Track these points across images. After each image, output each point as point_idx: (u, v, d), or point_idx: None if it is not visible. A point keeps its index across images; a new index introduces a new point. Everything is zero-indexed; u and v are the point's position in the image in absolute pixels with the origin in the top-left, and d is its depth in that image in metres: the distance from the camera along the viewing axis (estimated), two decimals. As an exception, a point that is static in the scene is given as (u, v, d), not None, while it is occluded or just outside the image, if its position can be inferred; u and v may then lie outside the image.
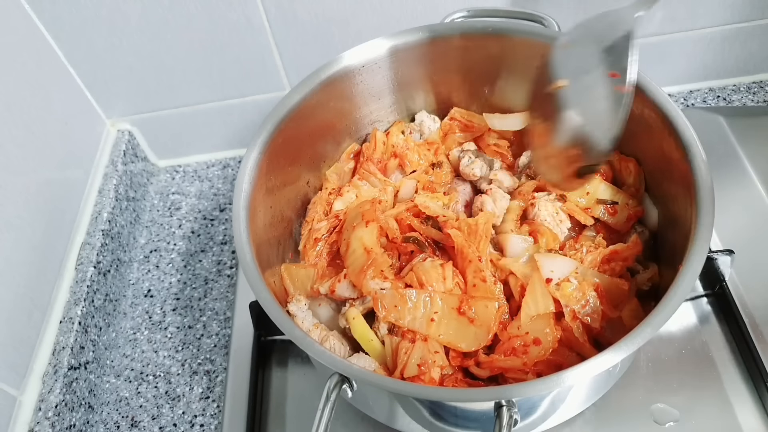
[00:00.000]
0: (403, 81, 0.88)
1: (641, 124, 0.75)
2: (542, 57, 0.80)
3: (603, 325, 0.69)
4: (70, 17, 0.94)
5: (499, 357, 0.67)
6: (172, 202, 1.13)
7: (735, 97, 1.09)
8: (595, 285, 0.70)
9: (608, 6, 0.97)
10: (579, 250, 0.74)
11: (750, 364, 0.76)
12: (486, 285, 0.71)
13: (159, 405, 0.87)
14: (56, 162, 0.95)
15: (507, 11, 0.84)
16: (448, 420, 0.65)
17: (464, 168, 0.85)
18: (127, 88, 1.06)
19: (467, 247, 0.73)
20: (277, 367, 0.85)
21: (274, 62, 1.03)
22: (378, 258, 0.72)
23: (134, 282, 1.03)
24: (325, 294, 0.77)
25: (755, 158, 0.95)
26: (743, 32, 1.03)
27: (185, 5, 0.94)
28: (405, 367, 0.67)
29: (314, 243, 0.81)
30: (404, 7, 0.96)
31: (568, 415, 0.71)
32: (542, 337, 0.67)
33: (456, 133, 0.90)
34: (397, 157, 0.88)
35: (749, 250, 0.84)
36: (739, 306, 0.80)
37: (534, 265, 0.72)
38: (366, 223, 0.75)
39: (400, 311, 0.69)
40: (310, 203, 0.87)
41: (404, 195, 0.85)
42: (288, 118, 0.78)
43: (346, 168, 0.88)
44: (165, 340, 0.94)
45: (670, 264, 0.72)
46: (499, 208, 0.79)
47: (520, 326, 0.68)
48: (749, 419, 0.73)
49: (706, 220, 0.61)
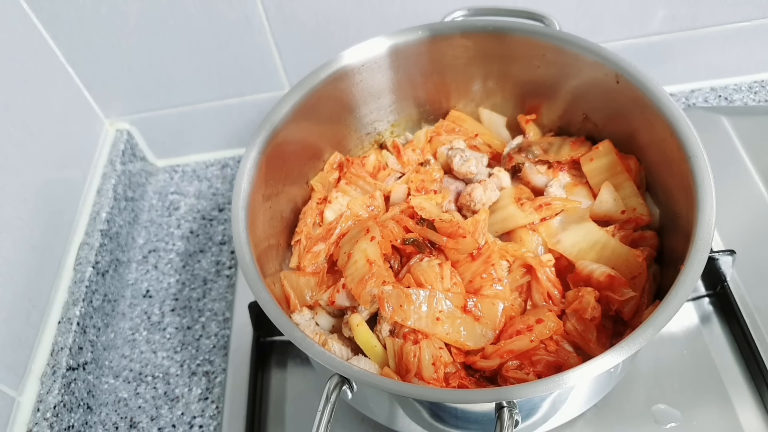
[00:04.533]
0: (402, 80, 0.87)
1: (642, 123, 0.75)
2: (542, 56, 0.80)
3: (620, 298, 0.69)
4: (68, 16, 0.94)
5: (506, 341, 0.67)
6: (171, 202, 1.13)
7: (736, 96, 1.09)
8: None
9: (608, 6, 0.98)
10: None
11: (752, 364, 0.76)
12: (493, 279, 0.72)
13: (158, 406, 0.87)
14: (54, 162, 0.95)
15: (507, 10, 0.83)
16: (449, 421, 0.64)
17: (459, 167, 0.84)
18: (125, 87, 1.05)
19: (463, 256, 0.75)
20: (277, 368, 0.85)
21: (273, 62, 1.03)
22: (380, 270, 0.72)
23: (133, 282, 1.02)
24: (325, 304, 0.76)
25: (757, 158, 0.95)
26: (744, 31, 1.03)
27: (185, 5, 0.94)
28: (421, 369, 0.66)
29: (312, 256, 0.81)
30: (404, 6, 0.96)
31: (569, 416, 0.71)
32: (545, 318, 0.68)
33: (442, 135, 0.90)
34: (386, 168, 0.89)
35: (751, 250, 0.84)
36: (740, 306, 0.79)
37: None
38: (371, 238, 0.75)
39: (405, 311, 0.69)
40: (301, 213, 0.86)
41: (396, 199, 0.85)
42: (287, 117, 0.78)
43: (331, 178, 0.88)
44: (164, 340, 0.94)
45: (671, 264, 0.72)
46: (488, 198, 0.79)
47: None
48: (751, 420, 0.73)
49: (708, 220, 0.61)
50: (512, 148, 0.86)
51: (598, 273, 0.71)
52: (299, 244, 0.82)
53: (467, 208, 0.81)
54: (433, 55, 0.84)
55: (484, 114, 0.91)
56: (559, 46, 0.78)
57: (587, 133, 0.85)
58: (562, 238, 0.75)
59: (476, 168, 0.84)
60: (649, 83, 0.72)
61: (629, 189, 0.78)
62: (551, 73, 0.82)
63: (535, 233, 0.76)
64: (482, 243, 0.74)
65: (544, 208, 0.77)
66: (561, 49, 0.78)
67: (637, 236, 0.75)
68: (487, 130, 0.91)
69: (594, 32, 1.01)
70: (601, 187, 0.78)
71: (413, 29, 0.82)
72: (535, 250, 0.76)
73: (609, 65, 0.75)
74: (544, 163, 0.84)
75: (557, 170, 0.83)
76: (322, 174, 0.88)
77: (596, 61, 0.76)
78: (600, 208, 0.78)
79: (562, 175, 0.82)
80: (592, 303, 0.69)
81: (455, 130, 0.91)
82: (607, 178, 0.79)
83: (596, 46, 0.76)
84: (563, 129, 0.88)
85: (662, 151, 0.72)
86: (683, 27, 1.02)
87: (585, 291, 0.70)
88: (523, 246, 0.75)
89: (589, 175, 0.80)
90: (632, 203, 0.77)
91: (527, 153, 0.84)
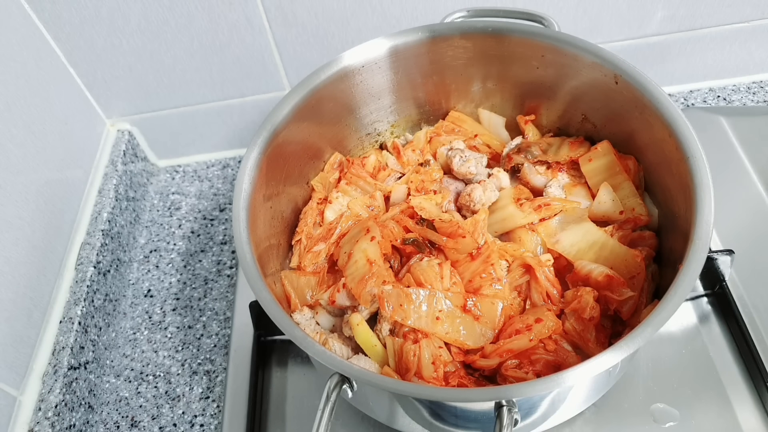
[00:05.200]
0: (402, 81, 0.87)
1: (641, 123, 0.75)
2: (542, 57, 0.81)
3: (618, 297, 0.69)
4: (69, 17, 0.94)
5: (506, 341, 0.68)
6: (172, 202, 1.13)
7: (735, 97, 1.10)
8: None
9: (607, 7, 0.98)
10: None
11: (750, 364, 0.76)
12: (493, 279, 0.73)
13: (159, 405, 0.87)
14: (56, 162, 0.95)
15: (507, 11, 0.84)
16: (449, 420, 0.65)
17: (459, 168, 0.84)
18: (126, 88, 1.06)
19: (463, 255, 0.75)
20: (277, 367, 0.85)
21: (274, 62, 1.03)
22: (381, 270, 0.73)
23: (134, 282, 1.03)
24: (326, 304, 0.77)
25: (755, 158, 0.95)
26: (743, 32, 1.04)
27: (185, 5, 0.94)
28: (420, 368, 0.67)
29: (313, 256, 0.81)
30: (404, 6, 0.96)
31: (568, 415, 0.71)
32: (544, 317, 0.68)
33: (441, 136, 0.90)
34: (386, 168, 0.89)
35: (749, 250, 0.84)
36: (739, 306, 0.80)
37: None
38: (371, 238, 0.75)
39: (405, 310, 0.69)
40: (301, 213, 0.86)
41: (396, 199, 0.85)
42: (288, 118, 0.78)
43: (331, 178, 0.88)
44: (165, 340, 0.94)
45: (670, 264, 0.72)
46: (487, 198, 0.80)
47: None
48: (749, 419, 0.73)
49: (706, 220, 0.61)
50: (511, 149, 0.86)
51: (597, 273, 0.71)
52: (300, 244, 0.83)
53: (467, 209, 0.81)
54: (432, 56, 0.85)
55: (484, 114, 0.92)
56: (558, 47, 0.78)
57: (586, 133, 0.86)
58: (560, 238, 0.76)
59: (476, 168, 0.84)
60: (648, 84, 0.72)
61: (628, 189, 0.78)
62: (550, 74, 0.82)
63: (534, 233, 0.77)
64: (482, 243, 0.75)
65: (543, 209, 0.78)
66: (560, 49, 0.78)
67: (636, 236, 0.76)
68: (486, 131, 0.91)
69: (593, 33, 1.01)
70: (600, 188, 0.78)
71: (413, 30, 0.82)
72: (534, 250, 0.76)
73: (608, 66, 0.75)
74: (543, 164, 0.84)
75: (556, 171, 0.83)
76: (322, 174, 0.89)
77: (595, 61, 0.76)
78: (599, 209, 0.78)
79: (561, 176, 0.82)
80: (591, 303, 0.69)
81: (455, 131, 0.91)
82: (606, 179, 0.79)
83: (595, 47, 0.76)
84: (562, 129, 0.88)
85: (661, 151, 0.72)
86: (682, 28, 1.02)
87: (584, 291, 0.70)
88: (522, 246, 0.76)
89: (587, 175, 0.81)
90: (631, 203, 0.77)
91: (526, 153, 0.84)
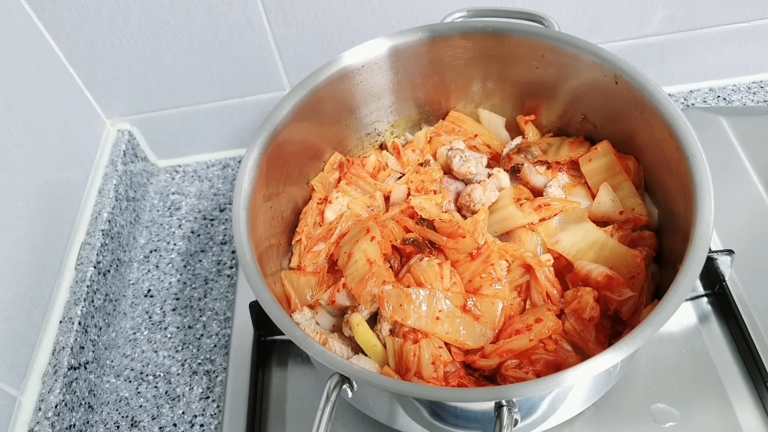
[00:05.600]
0: (402, 81, 0.87)
1: (641, 123, 0.75)
2: (541, 57, 0.81)
3: (618, 297, 0.69)
4: (69, 17, 0.94)
5: (506, 341, 0.68)
6: (172, 202, 1.13)
7: (735, 96, 1.10)
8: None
9: (607, 7, 0.98)
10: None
11: (750, 363, 0.76)
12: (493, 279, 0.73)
13: (159, 405, 0.87)
14: (56, 162, 0.95)
15: (507, 11, 0.84)
16: (449, 420, 0.65)
17: (459, 168, 0.84)
18: (126, 88, 1.06)
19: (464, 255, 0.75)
20: (277, 367, 0.85)
21: (274, 62, 1.03)
22: (381, 270, 0.73)
23: (134, 282, 1.03)
24: (326, 304, 0.77)
25: (755, 158, 0.95)
26: (743, 32, 1.04)
27: (185, 5, 0.94)
28: (420, 368, 0.67)
29: (313, 256, 0.81)
30: (404, 6, 0.96)
31: (568, 415, 0.71)
32: (543, 317, 0.68)
33: (441, 136, 0.90)
34: (386, 168, 0.89)
35: (749, 250, 0.84)
36: (739, 306, 0.80)
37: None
38: (371, 238, 0.75)
39: (405, 310, 0.69)
40: (301, 213, 0.86)
41: (396, 199, 0.85)
42: (288, 118, 0.78)
43: (331, 179, 0.88)
44: (165, 340, 0.94)
45: (670, 264, 0.72)
46: (487, 199, 0.80)
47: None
48: (749, 419, 0.73)
49: (706, 220, 0.61)
50: (511, 149, 0.86)
51: (597, 273, 0.71)
52: (300, 244, 0.83)
53: (467, 209, 0.81)
54: (432, 56, 0.85)
55: (484, 115, 0.92)
56: (558, 47, 0.78)
57: (586, 133, 0.86)
58: (560, 238, 0.76)
59: (476, 168, 0.84)
60: (648, 84, 0.72)
61: (628, 189, 0.78)
62: (550, 74, 0.82)
63: (534, 233, 0.77)
64: (482, 243, 0.75)
65: (543, 209, 0.78)
66: (560, 49, 0.78)
67: (636, 236, 0.76)
68: (486, 131, 0.91)
69: (593, 33, 1.01)
70: (600, 188, 0.78)
71: (413, 30, 0.82)
72: (534, 250, 0.76)
73: (608, 66, 0.75)
74: (543, 164, 0.84)
75: (556, 171, 0.83)
76: (322, 174, 0.89)
77: (595, 61, 0.76)
78: (599, 209, 0.78)
79: (561, 176, 0.83)
80: (591, 303, 0.69)
81: (455, 131, 0.91)
82: (606, 179, 0.79)
83: (595, 47, 0.76)
84: (562, 129, 0.88)
85: (661, 151, 0.72)
86: (682, 28, 1.02)
87: (584, 291, 0.70)
88: (522, 246, 0.76)
89: (587, 175, 0.81)
90: (631, 203, 0.77)
91: (526, 153, 0.84)
